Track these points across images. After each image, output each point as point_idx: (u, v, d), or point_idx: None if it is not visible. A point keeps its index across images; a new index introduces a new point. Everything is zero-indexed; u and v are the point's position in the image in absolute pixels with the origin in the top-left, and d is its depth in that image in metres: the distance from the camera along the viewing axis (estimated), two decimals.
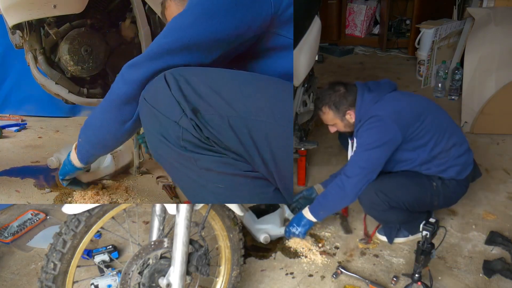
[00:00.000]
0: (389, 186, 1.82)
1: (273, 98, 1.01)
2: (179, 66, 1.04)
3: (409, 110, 1.82)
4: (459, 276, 1.80)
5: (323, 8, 4.39)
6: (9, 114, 3.13)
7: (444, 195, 1.88)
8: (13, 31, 1.86)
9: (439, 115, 1.90)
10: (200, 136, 0.97)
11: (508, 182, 2.44)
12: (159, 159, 1.07)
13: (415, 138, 1.80)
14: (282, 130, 1.00)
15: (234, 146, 1.00)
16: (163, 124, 0.98)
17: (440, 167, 1.85)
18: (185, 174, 1.03)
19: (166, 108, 0.97)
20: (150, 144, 1.06)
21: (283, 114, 1.00)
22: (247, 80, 1.04)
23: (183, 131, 0.97)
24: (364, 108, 1.83)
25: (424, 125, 1.80)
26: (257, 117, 0.98)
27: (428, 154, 1.83)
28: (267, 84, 1.05)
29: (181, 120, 0.96)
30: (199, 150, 0.98)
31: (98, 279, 1.74)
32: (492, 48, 3.00)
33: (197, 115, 0.96)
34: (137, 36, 1.98)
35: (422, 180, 1.86)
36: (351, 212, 2.23)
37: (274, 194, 1.08)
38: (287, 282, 1.80)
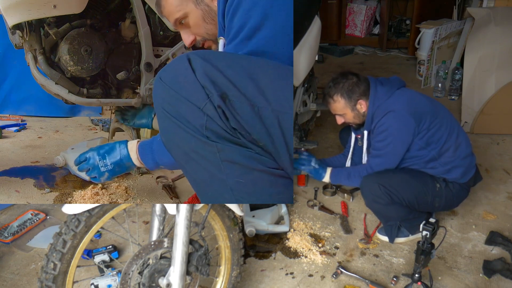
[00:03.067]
0: (392, 180, 1.85)
1: (291, 93, 0.97)
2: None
3: (423, 104, 1.87)
4: (459, 276, 1.80)
5: (323, 8, 4.39)
6: (9, 114, 3.14)
7: (446, 197, 1.90)
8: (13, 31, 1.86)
9: (447, 113, 1.95)
10: (226, 126, 0.90)
11: (508, 182, 2.44)
12: (173, 148, 0.98)
13: (429, 132, 1.84)
14: (292, 118, 0.95)
15: (262, 139, 0.93)
16: (185, 110, 0.90)
17: (446, 166, 1.88)
18: (203, 167, 0.94)
19: (189, 93, 0.89)
20: (164, 131, 0.97)
21: (291, 103, 0.96)
22: (280, 71, 0.98)
23: (207, 119, 0.89)
24: (378, 101, 1.86)
25: (437, 121, 1.85)
26: (287, 110, 0.93)
27: (438, 152, 1.86)
28: (289, 78, 1.00)
29: (206, 107, 0.88)
30: (223, 141, 0.91)
31: (98, 279, 1.74)
32: (492, 48, 3.01)
33: (226, 102, 0.89)
34: (137, 36, 1.98)
35: (426, 179, 1.89)
36: (351, 212, 2.23)
37: (290, 184, 1.02)
38: (287, 282, 1.80)
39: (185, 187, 2.13)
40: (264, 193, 0.97)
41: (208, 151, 0.92)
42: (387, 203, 1.84)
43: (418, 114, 1.81)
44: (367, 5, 4.91)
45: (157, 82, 0.94)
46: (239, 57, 0.99)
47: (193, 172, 0.99)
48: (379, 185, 1.82)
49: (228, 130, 0.90)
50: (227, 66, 0.91)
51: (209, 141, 0.90)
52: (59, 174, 2.12)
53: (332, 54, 4.82)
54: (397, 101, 1.84)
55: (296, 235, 2.04)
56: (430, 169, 1.89)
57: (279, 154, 0.96)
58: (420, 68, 3.90)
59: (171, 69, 0.93)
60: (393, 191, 1.82)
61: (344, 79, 1.91)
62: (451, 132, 1.88)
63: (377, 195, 1.84)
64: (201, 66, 0.89)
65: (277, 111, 0.92)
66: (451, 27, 3.69)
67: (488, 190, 2.35)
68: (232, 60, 0.94)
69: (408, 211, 1.90)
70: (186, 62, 0.90)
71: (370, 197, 1.89)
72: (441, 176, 1.90)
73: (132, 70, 2.00)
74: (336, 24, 4.96)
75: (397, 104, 1.83)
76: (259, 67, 0.95)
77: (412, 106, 1.82)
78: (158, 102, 0.95)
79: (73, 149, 2.16)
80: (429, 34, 3.64)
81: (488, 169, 2.55)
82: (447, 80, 3.62)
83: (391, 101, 1.84)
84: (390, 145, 1.85)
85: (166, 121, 0.94)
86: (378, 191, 1.83)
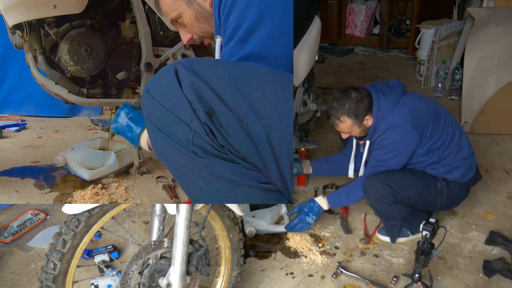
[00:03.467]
0: (396, 180, 1.85)
1: (290, 105, 0.91)
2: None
3: (426, 113, 1.85)
4: (459, 276, 1.80)
5: (323, 8, 4.38)
6: (9, 114, 3.14)
7: (448, 196, 1.91)
8: (13, 31, 1.86)
9: (449, 117, 1.94)
10: (213, 142, 0.88)
11: (508, 182, 2.44)
12: (163, 159, 0.98)
13: (431, 141, 1.84)
14: (289, 136, 0.91)
15: (251, 157, 0.91)
16: (172, 124, 0.88)
17: (446, 167, 1.89)
18: (192, 181, 0.94)
19: (175, 107, 0.86)
20: (154, 143, 0.96)
21: (289, 119, 0.91)
22: (276, 80, 0.92)
23: (194, 134, 0.86)
24: (381, 114, 1.82)
25: (440, 128, 1.85)
26: (279, 126, 0.88)
27: (439, 157, 1.87)
28: (288, 89, 0.94)
29: (192, 122, 0.86)
30: (211, 157, 0.89)
31: (98, 279, 1.74)
32: (492, 48, 3.00)
33: (212, 119, 0.86)
34: (137, 36, 1.98)
35: (428, 179, 1.89)
36: (351, 212, 2.23)
37: (281, 198, 1.00)
38: (287, 282, 1.80)
39: None
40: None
41: (196, 166, 0.90)
42: (391, 203, 1.84)
43: (420, 125, 1.81)
44: (367, 5, 4.91)
45: (145, 94, 0.92)
46: (229, 65, 0.94)
47: (184, 184, 0.99)
48: (383, 185, 1.82)
49: (216, 147, 0.88)
50: (215, 77, 0.88)
51: (196, 156, 0.88)
52: (59, 174, 2.12)
53: (332, 54, 4.81)
54: (400, 113, 1.81)
55: (296, 235, 2.03)
56: (430, 170, 1.90)
57: (269, 171, 0.93)
58: (420, 68, 3.90)
59: (158, 81, 0.91)
60: (397, 190, 1.82)
61: (348, 98, 1.83)
62: (452, 137, 1.88)
63: (381, 195, 1.83)
64: (187, 79, 0.86)
65: (268, 126, 0.87)
66: (451, 27, 3.68)
67: (488, 190, 2.35)
68: (221, 70, 0.90)
69: (410, 210, 1.90)
70: (173, 74, 0.88)
71: (374, 196, 1.88)
72: (442, 176, 1.90)
73: (132, 70, 2.00)
74: (336, 24, 4.95)
75: (400, 118, 1.80)
76: (251, 77, 0.90)
77: (415, 118, 1.80)
78: (146, 115, 0.93)
79: (73, 149, 2.16)
80: (429, 34, 3.64)
81: (488, 169, 2.55)
82: (447, 80, 3.62)
83: (394, 113, 1.81)
84: (394, 158, 1.86)
85: (154, 134, 0.93)
86: (382, 190, 1.82)
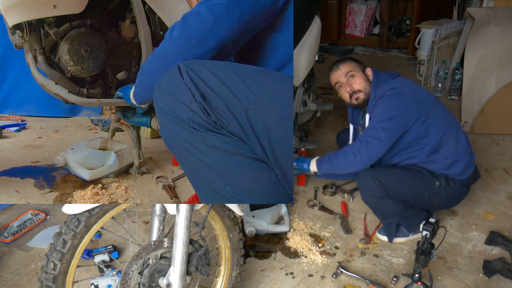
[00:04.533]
0: (387, 174, 1.87)
1: (273, 91, 1.14)
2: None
3: (423, 93, 1.91)
4: (459, 276, 1.80)
5: (323, 8, 4.39)
6: (9, 114, 3.13)
7: (447, 195, 1.90)
8: (13, 31, 1.86)
9: (446, 109, 1.97)
10: (208, 119, 1.10)
11: (508, 182, 2.44)
12: (169, 141, 1.18)
13: (428, 120, 1.84)
14: (281, 121, 1.12)
15: (236, 131, 1.13)
16: (176, 107, 1.11)
17: (448, 160, 1.88)
18: (193, 154, 1.13)
19: (179, 93, 1.11)
20: (163, 129, 1.18)
21: (283, 106, 1.13)
22: (250, 73, 1.17)
23: (193, 114, 1.10)
24: (380, 83, 1.90)
25: (437, 111, 1.87)
26: (256, 107, 1.12)
27: (438, 142, 1.86)
28: (269, 78, 1.19)
29: (192, 104, 1.09)
30: (207, 131, 1.11)
31: (98, 279, 1.74)
32: (492, 48, 3.01)
33: (205, 101, 1.10)
34: (137, 36, 1.98)
35: (425, 176, 1.88)
36: (351, 212, 2.23)
37: (277, 180, 1.17)
38: (287, 282, 1.80)
39: (185, 187, 2.13)
40: (250, 177, 1.14)
41: (196, 140, 1.12)
42: (382, 197, 1.84)
43: (419, 99, 1.84)
44: (367, 5, 4.91)
45: (156, 87, 1.17)
46: (220, 64, 1.19)
47: (186, 161, 1.17)
48: (373, 179, 1.83)
49: (210, 123, 1.11)
50: (207, 72, 1.13)
51: (195, 131, 1.11)
52: (59, 174, 2.12)
53: (332, 54, 4.81)
54: (400, 82, 1.88)
55: (296, 235, 2.04)
56: (432, 163, 1.88)
57: (252, 143, 1.14)
58: (420, 68, 3.90)
59: (166, 76, 1.15)
60: (387, 185, 1.82)
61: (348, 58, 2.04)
62: (450, 125, 1.90)
63: (372, 189, 1.84)
64: (187, 72, 1.12)
65: (246, 108, 1.11)
66: (451, 27, 3.69)
67: (488, 190, 2.35)
68: (212, 68, 1.15)
69: (405, 207, 1.89)
70: (177, 69, 1.12)
71: (365, 191, 1.90)
72: (443, 173, 1.89)
73: (132, 70, 2.00)
74: (336, 24, 4.95)
75: (401, 84, 1.86)
76: (234, 71, 1.16)
77: (413, 92, 1.85)
78: (157, 103, 1.17)
79: (73, 149, 2.16)
80: (429, 34, 3.64)
81: (488, 169, 2.55)
82: (447, 80, 3.62)
83: (392, 82, 1.88)
84: (386, 122, 1.80)
85: (163, 118, 1.15)
86: (372, 184, 1.83)
